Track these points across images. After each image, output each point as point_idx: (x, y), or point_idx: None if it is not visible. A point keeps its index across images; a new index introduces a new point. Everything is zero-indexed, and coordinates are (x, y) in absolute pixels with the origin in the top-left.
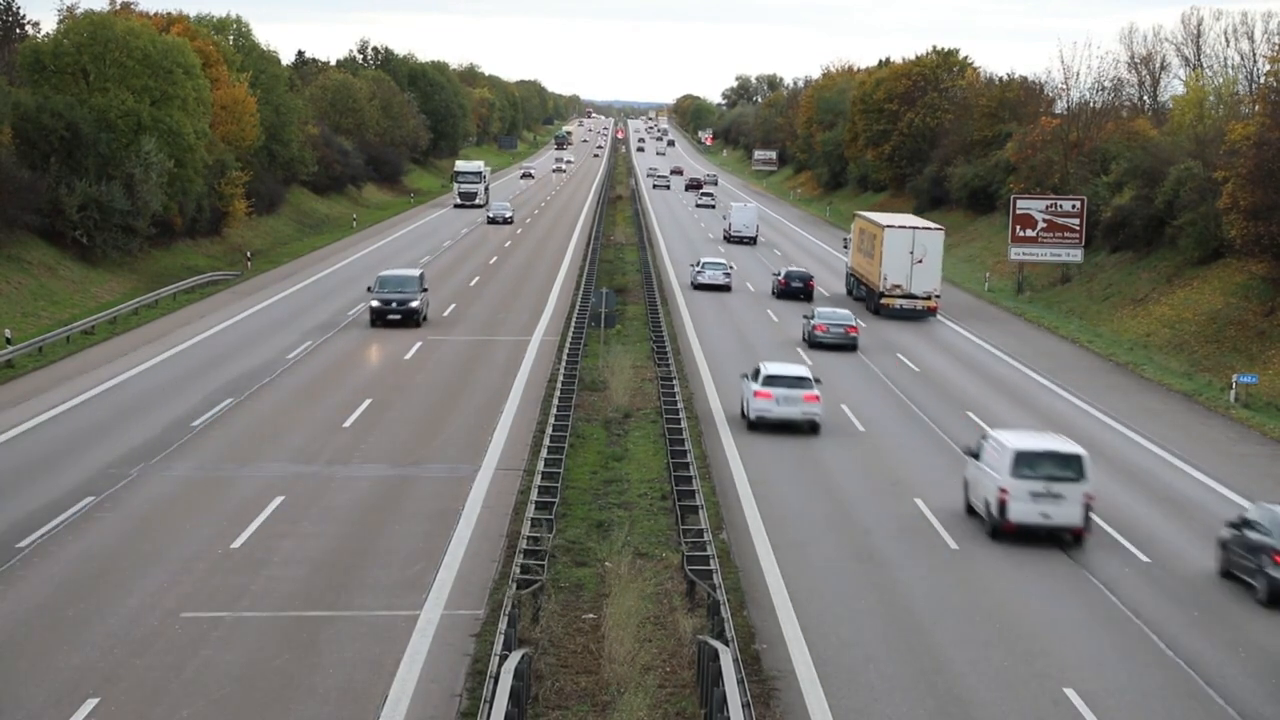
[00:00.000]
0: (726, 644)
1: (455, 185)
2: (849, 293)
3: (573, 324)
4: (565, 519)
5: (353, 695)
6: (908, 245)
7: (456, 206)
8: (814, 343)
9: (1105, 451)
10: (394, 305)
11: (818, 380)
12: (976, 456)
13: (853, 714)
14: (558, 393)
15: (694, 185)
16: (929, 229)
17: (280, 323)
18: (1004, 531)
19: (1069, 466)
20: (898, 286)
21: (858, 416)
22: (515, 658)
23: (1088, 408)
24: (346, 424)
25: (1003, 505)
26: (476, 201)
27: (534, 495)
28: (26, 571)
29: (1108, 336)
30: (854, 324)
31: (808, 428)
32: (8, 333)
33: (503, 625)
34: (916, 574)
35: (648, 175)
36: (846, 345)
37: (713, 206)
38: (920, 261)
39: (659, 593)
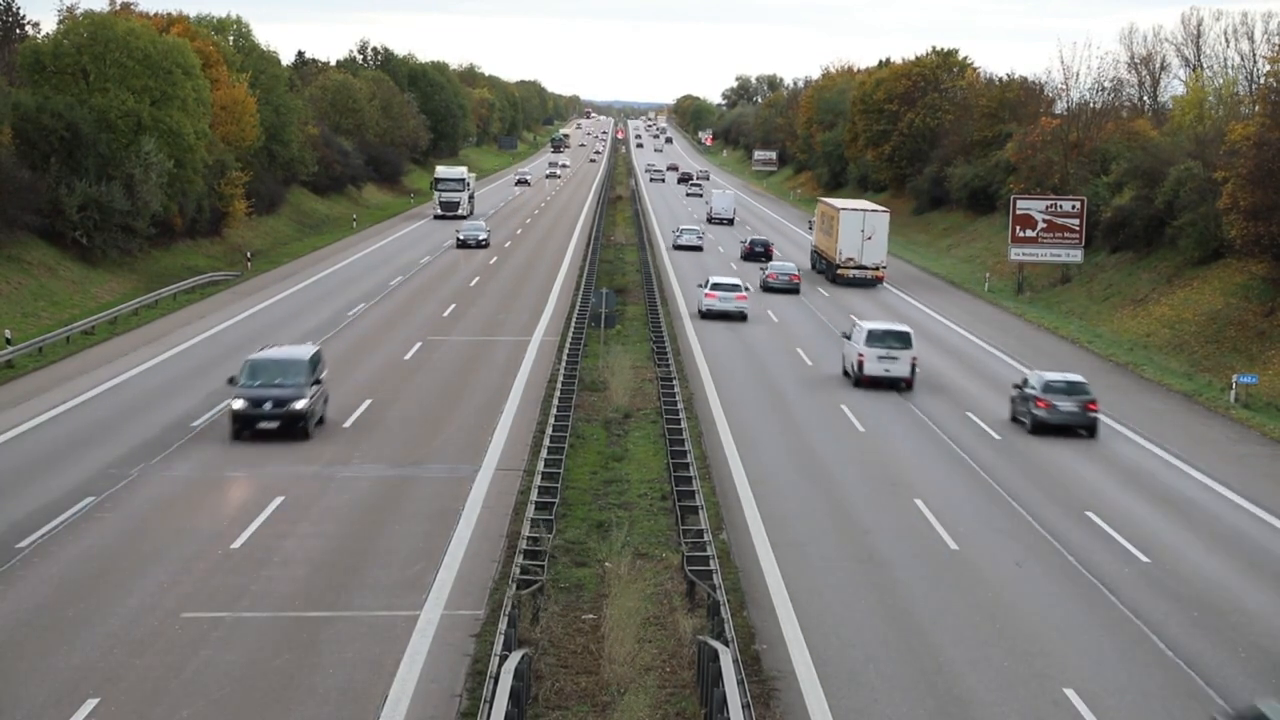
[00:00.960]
0: (726, 644)
1: (435, 194)
2: (812, 266)
3: (573, 324)
4: (565, 519)
5: (353, 695)
6: (859, 225)
7: (437, 218)
8: (766, 287)
9: (1105, 451)
10: (267, 407)
11: (746, 287)
12: (849, 337)
13: (853, 714)
14: (558, 393)
15: (685, 178)
16: (877, 211)
17: (280, 323)
18: (862, 382)
19: (902, 339)
20: (851, 259)
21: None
22: (515, 658)
23: None
24: (346, 424)
25: (860, 364)
26: (459, 212)
27: (534, 495)
28: (26, 572)
29: (1108, 337)
30: (796, 273)
31: (738, 316)
32: (8, 333)
33: (503, 625)
34: (916, 574)
35: (646, 170)
36: (791, 290)
37: (700, 195)
38: (870, 238)
39: (659, 593)
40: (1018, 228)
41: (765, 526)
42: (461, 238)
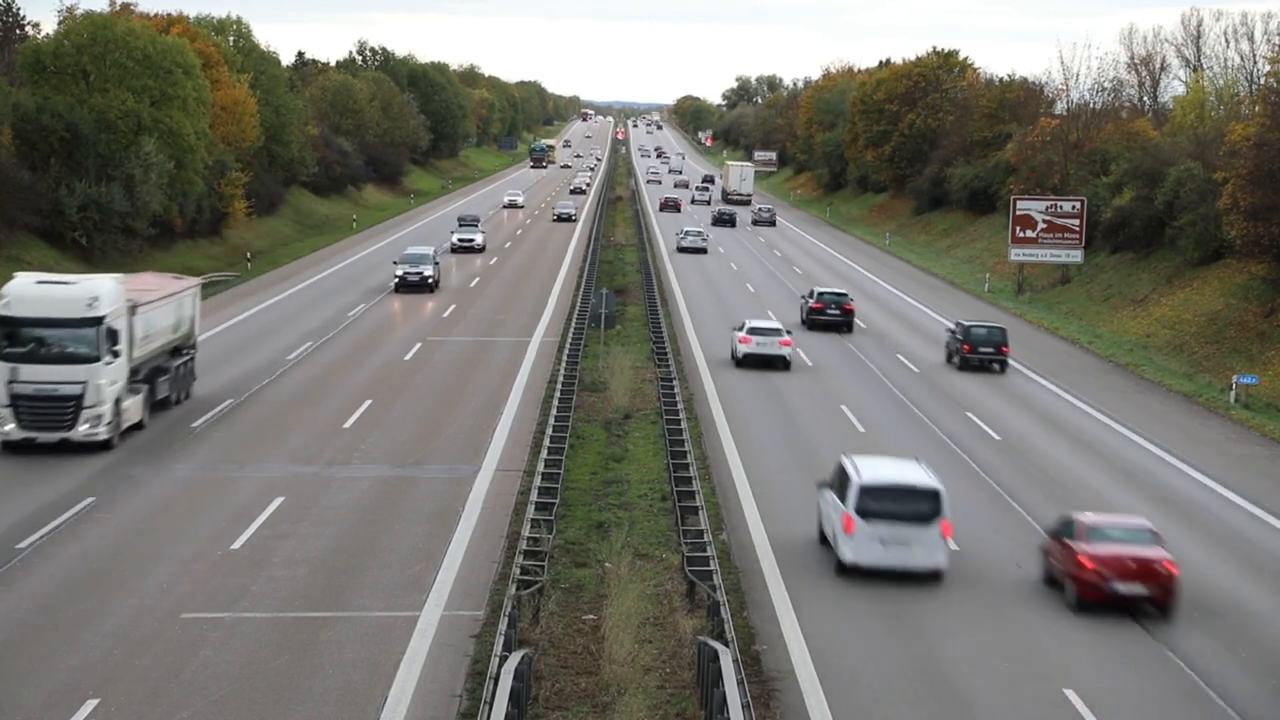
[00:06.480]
0: (726, 645)
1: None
2: (720, 197)
3: (572, 325)
4: (565, 520)
5: (352, 696)
6: (740, 172)
7: (6, 446)
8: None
9: (1105, 452)
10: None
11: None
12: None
13: (853, 715)
14: (557, 393)
15: (661, 155)
16: (747, 165)
17: (280, 323)
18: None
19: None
20: (736, 191)
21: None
22: (515, 658)
23: (1087, 408)
24: (347, 424)
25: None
26: (80, 430)
27: (534, 496)
28: (26, 572)
29: (1108, 337)
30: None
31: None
32: None
33: (502, 626)
34: (916, 574)
35: (639, 150)
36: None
37: (668, 162)
38: (744, 180)
39: (659, 593)
40: (1018, 228)
41: (765, 527)
42: None
